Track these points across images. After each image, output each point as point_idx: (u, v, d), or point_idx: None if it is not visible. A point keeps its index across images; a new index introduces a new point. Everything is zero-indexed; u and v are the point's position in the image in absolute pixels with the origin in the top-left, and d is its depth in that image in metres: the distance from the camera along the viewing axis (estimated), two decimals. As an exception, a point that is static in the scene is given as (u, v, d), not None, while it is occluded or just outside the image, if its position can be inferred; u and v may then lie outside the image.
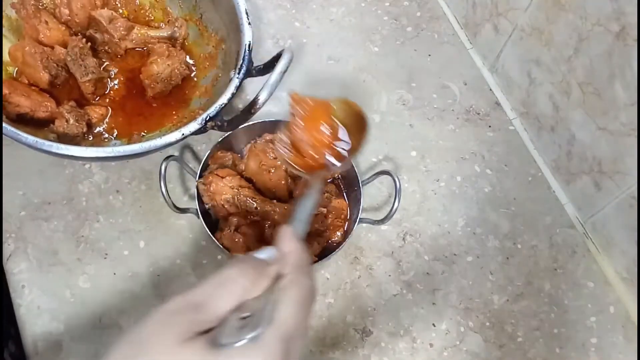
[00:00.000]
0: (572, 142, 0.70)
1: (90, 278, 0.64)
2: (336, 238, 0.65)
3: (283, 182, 0.63)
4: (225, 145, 0.67)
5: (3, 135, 0.57)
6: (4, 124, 0.57)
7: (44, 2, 0.71)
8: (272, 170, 0.63)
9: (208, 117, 0.61)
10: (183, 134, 0.60)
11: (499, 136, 0.78)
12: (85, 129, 0.66)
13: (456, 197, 0.73)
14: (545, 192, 0.75)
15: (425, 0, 0.88)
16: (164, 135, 0.60)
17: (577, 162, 0.71)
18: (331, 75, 0.80)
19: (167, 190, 0.60)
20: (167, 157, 0.61)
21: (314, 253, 0.62)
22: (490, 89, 0.82)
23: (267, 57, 0.66)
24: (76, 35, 0.71)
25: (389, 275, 0.68)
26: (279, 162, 0.63)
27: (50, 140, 0.58)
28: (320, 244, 0.63)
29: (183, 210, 0.63)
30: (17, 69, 0.69)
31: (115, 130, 0.70)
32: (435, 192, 0.74)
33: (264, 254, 0.40)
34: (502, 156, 0.77)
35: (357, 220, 0.64)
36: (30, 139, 0.57)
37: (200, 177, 0.64)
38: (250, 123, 0.68)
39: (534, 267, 0.70)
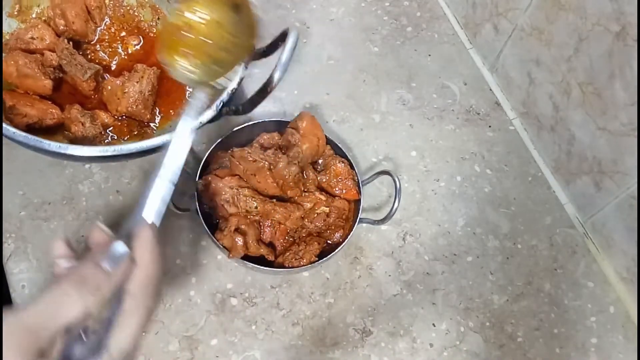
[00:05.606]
0: (572, 142, 0.70)
1: (90, 278, 0.64)
2: (336, 238, 0.65)
3: (270, 180, 0.62)
4: (225, 145, 0.67)
5: (3, 136, 0.57)
6: (17, 131, 0.56)
7: (39, 13, 0.71)
8: (256, 174, 0.63)
9: (222, 103, 0.60)
10: (201, 122, 0.59)
11: (499, 136, 0.78)
12: (101, 129, 0.66)
13: (456, 197, 0.73)
14: (545, 192, 0.75)
15: (425, 0, 0.88)
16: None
17: (577, 162, 0.71)
18: (331, 75, 0.80)
19: (167, 190, 0.60)
20: (167, 157, 0.61)
21: (314, 253, 0.62)
22: (490, 89, 0.82)
23: (267, 57, 0.66)
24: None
25: (389, 275, 0.68)
26: (261, 164, 0.63)
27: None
28: (320, 244, 0.63)
29: (183, 210, 0.63)
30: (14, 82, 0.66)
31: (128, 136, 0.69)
32: (435, 192, 0.74)
33: (110, 259, 0.38)
34: (502, 156, 0.77)
35: (357, 220, 0.64)
36: (54, 144, 0.57)
37: (200, 177, 0.64)
38: (250, 123, 0.68)
39: (534, 267, 0.70)
